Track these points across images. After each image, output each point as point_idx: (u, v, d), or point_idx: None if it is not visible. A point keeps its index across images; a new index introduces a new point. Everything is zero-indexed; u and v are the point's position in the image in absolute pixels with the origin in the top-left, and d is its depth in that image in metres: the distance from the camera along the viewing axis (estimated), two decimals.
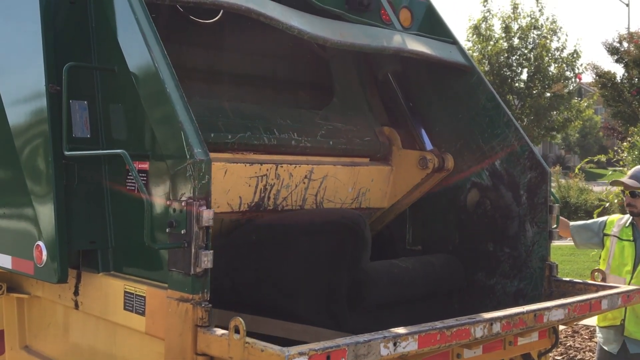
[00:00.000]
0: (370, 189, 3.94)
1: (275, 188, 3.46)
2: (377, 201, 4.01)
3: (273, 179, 3.44)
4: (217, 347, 2.27)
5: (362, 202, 3.93)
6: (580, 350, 6.73)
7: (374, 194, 3.98)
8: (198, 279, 2.40)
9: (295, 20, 3.29)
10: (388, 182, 4.02)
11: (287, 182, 3.51)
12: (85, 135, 2.97)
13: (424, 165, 3.88)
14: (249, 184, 3.35)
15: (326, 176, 3.70)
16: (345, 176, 3.80)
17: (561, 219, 4.46)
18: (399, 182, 4.02)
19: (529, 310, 2.80)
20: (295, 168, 3.55)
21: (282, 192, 3.51)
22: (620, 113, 19.54)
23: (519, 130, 3.76)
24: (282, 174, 3.48)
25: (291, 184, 3.54)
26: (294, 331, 3.23)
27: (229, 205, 3.31)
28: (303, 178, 3.59)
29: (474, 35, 24.38)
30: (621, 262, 4.15)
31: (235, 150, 3.37)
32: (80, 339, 3.23)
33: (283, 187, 3.51)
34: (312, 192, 3.66)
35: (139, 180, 2.49)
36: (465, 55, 4.02)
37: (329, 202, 3.77)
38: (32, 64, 3.03)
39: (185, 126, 2.48)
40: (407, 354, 2.32)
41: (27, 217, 3.11)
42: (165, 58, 2.64)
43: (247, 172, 3.34)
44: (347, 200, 3.86)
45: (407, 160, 3.98)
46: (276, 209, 3.51)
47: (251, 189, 3.37)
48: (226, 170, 3.24)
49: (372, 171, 3.95)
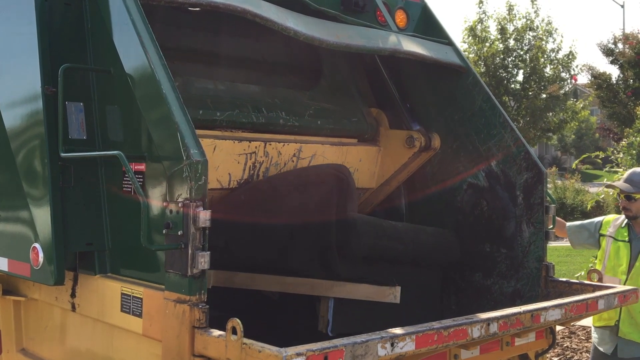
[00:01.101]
0: (359, 168, 4.02)
1: (264, 166, 3.54)
2: (366, 181, 4.08)
3: (262, 156, 3.52)
4: (215, 348, 2.27)
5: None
6: (577, 351, 6.74)
7: (363, 174, 4.04)
8: (195, 280, 2.39)
9: (291, 22, 3.29)
10: (376, 163, 4.10)
11: (275, 160, 3.59)
12: (81, 137, 2.97)
13: (411, 144, 3.95)
14: (237, 160, 3.43)
15: (314, 155, 3.79)
16: (334, 155, 3.87)
17: (558, 220, 4.47)
18: (387, 162, 4.09)
19: (526, 311, 2.80)
20: (284, 146, 3.64)
21: (271, 170, 3.58)
22: (616, 114, 19.60)
23: (515, 131, 3.77)
24: (271, 151, 3.56)
25: (280, 162, 3.62)
26: (288, 284, 3.29)
27: (218, 182, 3.36)
28: (291, 156, 3.67)
29: (470, 37, 24.39)
30: (616, 263, 4.15)
31: (224, 128, 3.44)
32: (77, 342, 3.22)
33: (272, 165, 3.58)
34: None
35: (136, 182, 2.49)
36: (461, 56, 4.03)
37: None
38: (28, 65, 3.03)
39: (181, 127, 2.48)
40: (405, 354, 2.33)
41: (24, 219, 3.11)
42: (161, 59, 2.64)
43: (235, 149, 3.41)
44: None
45: (394, 140, 4.06)
46: None
47: (240, 165, 3.44)
48: (215, 146, 3.31)
49: (360, 151, 4.02)
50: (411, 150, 3.96)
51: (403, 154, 4.01)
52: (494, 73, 24.02)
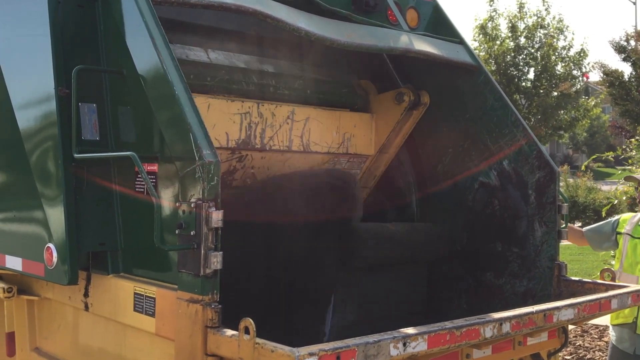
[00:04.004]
0: (354, 134, 4.09)
1: (260, 127, 3.61)
2: (364, 147, 4.15)
3: (256, 117, 3.60)
4: (227, 348, 2.28)
5: (349, 148, 4.07)
6: (589, 349, 6.71)
7: (359, 139, 4.11)
8: (208, 280, 2.40)
9: (302, 22, 3.30)
10: (371, 129, 4.18)
11: (270, 122, 3.67)
12: (94, 138, 2.99)
13: (400, 100, 4.02)
14: (233, 120, 3.50)
15: (309, 118, 3.85)
16: (328, 119, 3.95)
17: (574, 229, 4.45)
18: (381, 126, 4.16)
19: (539, 310, 2.79)
20: (277, 108, 3.71)
21: (267, 132, 3.65)
22: (628, 112, 19.43)
23: (527, 129, 3.75)
24: (265, 112, 3.64)
25: (275, 124, 3.69)
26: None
27: (216, 141, 3.40)
28: (286, 118, 3.74)
29: (480, 35, 24.31)
30: (634, 260, 4.13)
31: (215, 92, 3.51)
32: (90, 341, 3.24)
33: (268, 126, 3.65)
34: (297, 134, 3.80)
35: (149, 182, 2.50)
36: (473, 54, 4.02)
37: (315, 144, 3.89)
38: (41, 67, 3.05)
39: (193, 128, 2.49)
40: (417, 354, 2.32)
41: (37, 219, 3.13)
42: (173, 60, 2.65)
43: (230, 107, 3.49)
44: (334, 145, 3.98)
45: (384, 102, 4.14)
46: (264, 148, 3.64)
47: (236, 125, 3.51)
48: (209, 104, 3.40)
49: (353, 117, 4.11)
50: (401, 106, 4.02)
51: (394, 112, 4.08)
52: (504, 71, 23.93)
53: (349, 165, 4.12)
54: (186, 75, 2.72)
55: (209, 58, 3.59)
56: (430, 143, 4.18)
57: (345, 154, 4.04)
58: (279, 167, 3.77)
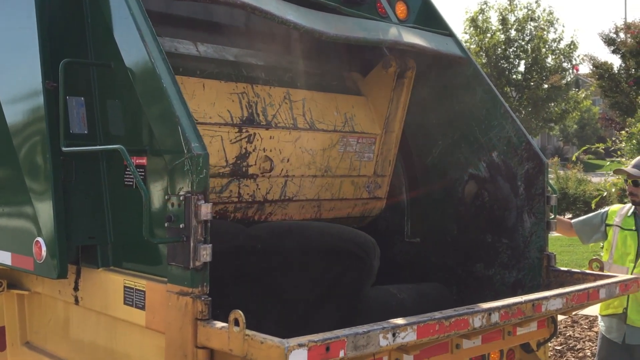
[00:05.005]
0: (355, 114, 4.07)
1: (260, 105, 3.59)
2: (368, 126, 4.12)
3: (253, 96, 3.58)
4: (217, 339, 2.29)
5: (355, 127, 4.04)
6: (579, 340, 6.76)
7: (361, 119, 4.09)
8: (197, 273, 2.40)
9: (291, 14, 3.29)
10: (369, 109, 4.16)
11: (269, 101, 3.64)
12: (82, 132, 2.98)
13: (387, 65, 4.02)
14: (231, 99, 3.48)
15: (305, 99, 3.83)
16: (324, 100, 3.93)
17: (563, 220, 4.47)
18: (378, 101, 4.14)
19: (527, 300, 2.81)
20: (271, 89, 3.69)
21: (268, 110, 3.62)
22: (618, 103, 19.51)
23: (516, 121, 3.77)
24: (260, 92, 3.62)
25: (274, 103, 3.66)
26: None
27: (220, 117, 3.39)
28: (283, 98, 3.71)
29: (471, 28, 24.34)
30: (624, 252, 4.16)
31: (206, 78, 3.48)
32: (80, 335, 3.24)
33: (268, 105, 3.63)
34: (298, 113, 3.78)
35: (137, 176, 2.50)
36: (462, 47, 4.02)
37: (320, 123, 3.86)
38: (29, 60, 3.03)
39: (182, 121, 2.49)
40: (406, 344, 2.34)
41: (26, 213, 3.12)
42: (161, 53, 2.64)
43: (224, 87, 3.47)
44: (338, 124, 3.95)
45: (373, 77, 4.15)
46: (270, 126, 3.60)
47: (236, 103, 3.49)
48: (203, 84, 3.37)
49: (349, 99, 4.09)
50: (390, 71, 4.02)
51: (386, 81, 4.07)
52: (495, 64, 23.98)
53: (360, 148, 4.06)
54: (174, 69, 2.71)
55: (198, 51, 3.58)
56: (419, 136, 4.19)
57: (353, 133, 3.99)
58: (290, 149, 3.70)
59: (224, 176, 3.43)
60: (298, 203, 3.82)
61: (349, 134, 3.99)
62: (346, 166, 4.00)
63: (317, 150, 3.84)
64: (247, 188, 3.54)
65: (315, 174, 3.85)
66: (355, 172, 4.05)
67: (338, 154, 3.95)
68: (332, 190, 3.96)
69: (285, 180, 3.71)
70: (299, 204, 3.82)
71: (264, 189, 3.62)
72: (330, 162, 3.91)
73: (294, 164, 3.73)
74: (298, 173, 3.76)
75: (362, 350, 2.17)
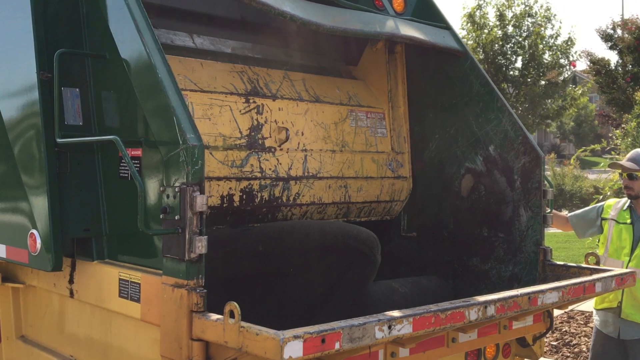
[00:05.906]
0: (357, 93, 4.10)
1: (261, 81, 3.61)
2: (373, 101, 4.14)
3: (252, 74, 3.60)
4: (213, 332, 2.28)
5: (361, 102, 4.06)
6: (575, 335, 6.77)
7: (364, 97, 4.12)
8: (192, 265, 2.39)
9: (288, 6, 3.27)
10: (369, 90, 4.19)
11: (270, 79, 3.67)
12: (77, 123, 2.96)
13: (374, 43, 4.08)
14: (232, 75, 3.50)
15: (304, 79, 3.86)
16: (323, 82, 3.96)
17: (559, 215, 4.47)
18: (376, 78, 4.19)
19: (523, 293, 2.81)
20: (268, 70, 3.72)
21: (271, 86, 3.64)
22: (615, 100, 19.52)
23: (513, 115, 3.76)
24: (259, 72, 3.65)
25: (275, 80, 3.69)
26: None
27: (224, 88, 3.42)
28: (283, 78, 3.74)
29: (468, 24, 24.30)
30: (619, 246, 4.16)
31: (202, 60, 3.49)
32: (76, 328, 3.23)
33: (269, 82, 3.65)
34: (301, 88, 3.79)
35: (132, 167, 2.49)
36: (459, 40, 4.01)
37: (325, 97, 3.89)
38: (23, 51, 3.01)
39: (177, 112, 2.47)
40: (402, 337, 2.33)
41: (21, 205, 3.10)
42: (156, 44, 2.62)
43: (223, 66, 3.50)
44: (344, 100, 3.98)
45: (365, 58, 4.22)
46: (276, 97, 3.62)
47: (237, 79, 3.51)
48: (202, 63, 3.40)
49: (345, 82, 4.12)
50: (379, 46, 4.09)
51: (377, 56, 4.15)
52: (492, 60, 23.96)
53: (371, 123, 4.05)
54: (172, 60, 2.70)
55: (194, 43, 3.56)
56: (416, 129, 4.18)
57: (361, 107, 4.00)
58: (302, 122, 3.68)
59: (242, 148, 3.39)
60: (324, 182, 3.78)
61: (357, 108, 4.00)
62: (362, 141, 3.99)
63: (329, 124, 3.84)
64: (267, 162, 3.50)
65: (334, 149, 3.83)
66: (373, 148, 4.04)
67: (351, 129, 3.95)
68: (355, 168, 3.94)
69: (304, 155, 3.69)
70: (324, 182, 3.78)
71: (285, 164, 3.58)
72: (345, 136, 3.91)
73: (309, 137, 3.72)
74: (316, 147, 3.74)
75: (357, 342, 2.17)
